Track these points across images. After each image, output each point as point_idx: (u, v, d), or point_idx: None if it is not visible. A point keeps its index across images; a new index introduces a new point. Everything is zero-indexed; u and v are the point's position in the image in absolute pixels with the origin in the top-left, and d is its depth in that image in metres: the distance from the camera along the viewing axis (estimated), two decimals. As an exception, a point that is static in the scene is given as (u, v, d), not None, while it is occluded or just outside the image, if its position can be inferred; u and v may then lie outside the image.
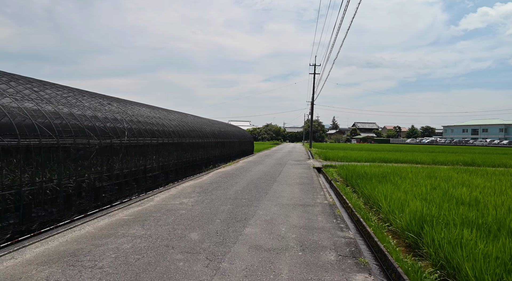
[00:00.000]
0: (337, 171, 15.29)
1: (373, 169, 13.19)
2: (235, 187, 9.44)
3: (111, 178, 8.57)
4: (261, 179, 11.50)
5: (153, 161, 11.27)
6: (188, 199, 7.58)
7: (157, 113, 14.09)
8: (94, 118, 8.59)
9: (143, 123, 11.26)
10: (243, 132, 31.16)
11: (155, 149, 11.47)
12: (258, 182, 10.60)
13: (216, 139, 19.52)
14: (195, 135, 15.98)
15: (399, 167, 14.19)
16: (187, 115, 19.64)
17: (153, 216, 5.96)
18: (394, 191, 7.71)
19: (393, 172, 12.16)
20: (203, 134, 17.30)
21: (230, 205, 6.94)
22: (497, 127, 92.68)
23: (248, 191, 8.88)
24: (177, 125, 14.64)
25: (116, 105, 11.10)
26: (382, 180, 9.83)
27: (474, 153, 31.43)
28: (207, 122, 21.25)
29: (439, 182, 9.27)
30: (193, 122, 17.82)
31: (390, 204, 6.41)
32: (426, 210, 5.45)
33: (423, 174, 11.34)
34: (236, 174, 12.97)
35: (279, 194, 8.51)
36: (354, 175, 11.25)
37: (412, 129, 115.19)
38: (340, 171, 13.94)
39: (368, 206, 7.70)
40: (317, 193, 8.98)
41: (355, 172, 12.25)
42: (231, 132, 24.79)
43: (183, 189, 9.29)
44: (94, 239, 4.60)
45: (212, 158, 18.40)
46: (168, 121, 14.28)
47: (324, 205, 7.37)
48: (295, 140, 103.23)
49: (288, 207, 7.02)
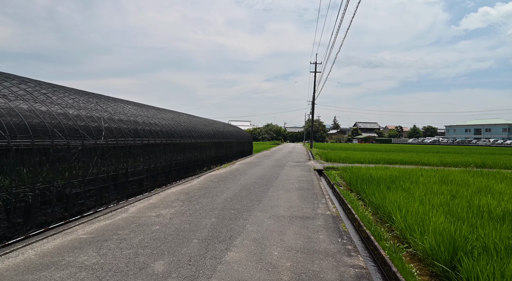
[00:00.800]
0: (339, 173, 14.19)
1: (379, 171, 12.09)
2: (225, 194, 8.36)
3: (84, 183, 7.50)
4: (256, 183, 10.42)
5: (138, 163, 10.21)
6: (168, 210, 6.50)
7: (145, 111, 13.02)
8: (63, 116, 7.52)
9: (126, 122, 10.20)
10: (242, 133, 30.08)
11: (140, 150, 10.40)
12: (253, 187, 9.51)
13: (211, 140, 18.46)
14: (188, 135, 14.92)
15: (407, 170, 13.08)
16: (180, 114, 18.58)
17: (118, 233, 4.88)
18: (408, 200, 6.61)
19: (402, 175, 11.06)
20: (197, 135, 16.23)
21: (215, 218, 5.85)
22: (500, 127, 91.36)
23: (239, 198, 7.79)
24: (168, 125, 13.57)
25: (96, 102, 10.03)
26: (391, 185, 8.73)
27: (481, 153, 30.26)
28: (202, 122, 20.18)
29: (456, 188, 8.16)
30: (186, 122, 16.75)
31: (406, 218, 5.31)
32: (455, 228, 4.35)
33: (436, 178, 10.24)
34: (229, 177, 11.89)
35: (275, 202, 7.42)
36: (359, 179, 10.15)
37: (414, 129, 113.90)
38: (343, 174, 12.84)
39: (378, 217, 6.60)
40: (318, 200, 7.89)
41: (359, 175, 11.14)
42: (228, 133, 23.72)
43: (166, 196, 8.21)
44: (27, 271, 3.52)
45: (207, 159, 17.34)
46: (158, 120, 13.22)
47: (326, 216, 6.28)
48: (296, 140, 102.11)
49: (284, 220, 5.94)
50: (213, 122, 23.61)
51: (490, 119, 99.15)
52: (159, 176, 11.77)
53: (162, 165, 11.86)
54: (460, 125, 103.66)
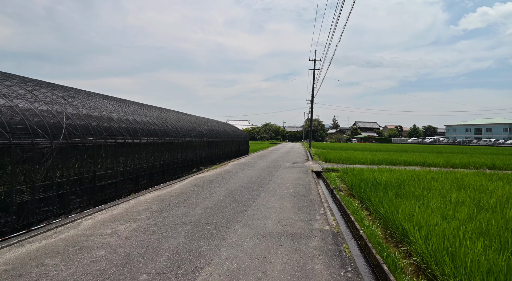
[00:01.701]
0: (339, 175, 12.96)
1: (384, 174, 10.85)
2: (206, 202, 7.10)
3: (34, 190, 6.24)
4: (245, 188, 9.16)
5: (112, 165, 8.97)
6: (129, 225, 5.25)
7: (124, 107, 11.75)
8: (7, 108, 6.26)
9: (97, 118, 8.94)
10: (238, 132, 28.83)
11: (114, 150, 9.15)
12: (240, 193, 8.26)
13: (203, 139, 17.20)
14: (175, 134, 13.66)
15: (414, 172, 11.86)
16: (169, 111, 17.31)
17: (44, 264, 3.63)
18: (426, 212, 5.38)
19: (410, 178, 9.83)
20: (187, 133, 14.98)
21: (183, 238, 4.60)
22: (501, 126, 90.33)
23: (221, 208, 6.54)
24: (152, 123, 12.31)
25: (62, 96, 8.75)
26: (400, 192, 7.49)
27: (485, 154, 29.08)
28: (194, 120, 18.92)
29: (478, 196, 6.93)
30: (175, 120, 15.49)
31: (428, 239, 4.08)
32: (506, 263, 3.11)
33: (449, 182, 9.01)
34: (217, 180, 10.64)
35: (263, 213, 6.18)
36: (362, 183, 8.91)
37: (414, 129, 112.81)
38: (344, 177, 11.61)
39: (388, 233, 5.36)
40: (315, 210, 6.64)
41: (362, 178, 9.91)
42: (222, 132, 22.46)
43: (136, 204, 6.95)
44: None
45: (198, 160, 16.09)
46: (139, 117, 11.96)
47: (325, 234, 5.04)
48: (295, 140, 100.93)
49: (272, 239, 4.70)
50: (207, 121, 22.36)
51: (490, 119, 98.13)
52: (139, 178, 10.53)
53: (143, 167, 10.62)
54: (460, 125, 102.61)
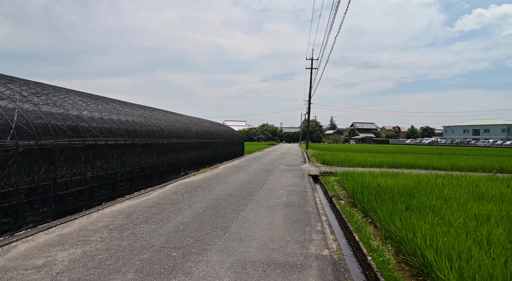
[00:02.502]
0: (338, 180, 11.87)
1: (389, 179, 9.77)
2: (181, 216, 5.96)
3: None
4: (232, 196, 8.03)
5: (79, 170, 7.81)
6: (73, 250, 4.10)
7: (100, 105, 10.58)
8: None
9: (60, 116, 7.77)
10: (232, 133, 27.69)
11: (82, 153, 8.00)
12: (225, 204, 7.13)
13: (193, 140, 16.06)
14: (160, 135, 12.52)
15: (420, 177, 10.79)
16: (155, 110, 16.14)
17: None
18: (449, 233, 4.28)
19: (418, 185, 8.75)
20: (174, 134, 13.84)
21: (134, 274, 3.45)
22: (499, 127, 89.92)
23: (197, 224, 5.41)
24: (132, 122, 11.17)
25: (17, 90, 7.57)
26: (410, 202, 6.40)
27: (488, 155, 28.18)
28: (183, 120, 17.78)
29: (505, 208, 5.85)
30: (161, 119, 14.35)
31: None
32: None
33: (464, 190, 7.93)
34: (202, 186, 9.50)
35: (248, 232, 5.06)
36: (365, 191, 7.82)
37: (412, 130, 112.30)
38: (344, 181, 10.53)
39: (402, 259, 4.25)
40: (311, 226, 5.53)
41: (364, 184, 8.82)
42: (215, 133, 21.32)
43: (98, 218, 5.80)
44: None
45: (186, 163, 14.94)
46: (117, 116, 10.79)
47: (323, 262, 3.92)
48: (292, 140, 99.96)
49: (254, 272, 3.57)
50: (199, 121, 21.23)
51: (488, 120, 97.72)
52: (117, 184, 9.37)
53: (121, 171, 9.47)
54: (458, 125, 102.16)
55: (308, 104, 40.58)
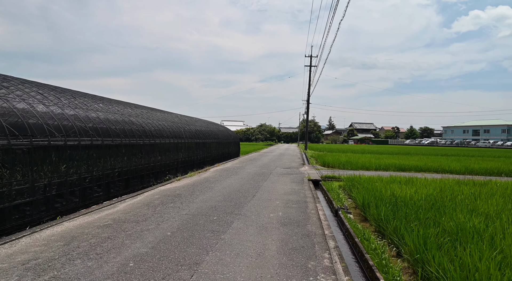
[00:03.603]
0: (343, 185, 10.37)
1: (404, 187, 8.26)
2: (139, 243, 4.41)
3: None
4: (215, 209, 6.49)
5: (27, 178, 6.28)
6: None
7: (65, 99, 9.01)
8: None
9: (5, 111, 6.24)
10: (227, 133, 26.12)
11: (28, 157, 6.45)
12: (204, 221, 5.59)
13: (180, 140, 14.51)
14: (140, 134, 10.98)
15: (438, 183, 9.31)
16: (139, 107, 14.56)
17: None
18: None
19: (442, 194, 7.24)
20: (157, 134, 12.29)
21: None
22: (499, 128, 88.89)
23: (156, 259, 3.87)
24: (104, 120, 9.62)
25: None
26: (443, 221, 4.90)
27: (496, 157, 26.83)
28: (171, 119, 16.22)
29: None
30: (143, 117, 12.79)
31: None
32: None
33: (502, 202, 6.44)
34: (183, 195, 7.95)
35: (225, 273, 3.53)
36: (380, 203, 6.30)
37: (411, 130, 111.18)
38: (350, 188, 9.03)
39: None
40: (316, 258, 4.01)
41: (376, 193, 7.32)
42: (208, 132, 19.76)
43: (23, 247, 4.23)
44: None
45: (173, 165, 13.39)
46: (85, 112, 9.23)
47: None
48: (290, 141, 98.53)
49: None
50: (191, 120, 19.68)
51: (488, 120, 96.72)
52: (86, 192, 7.82)
53: (88, 177, 7.92)
54: (458, 126, 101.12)
55: (307, 104, 39.13)
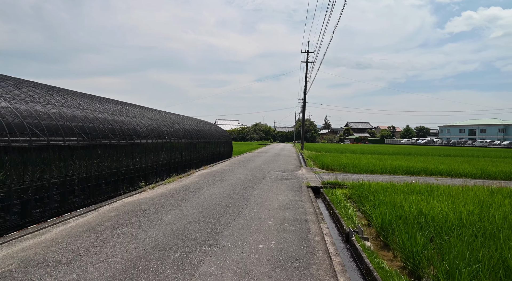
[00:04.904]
0: (348, 194, 8.64)
1: (431, 201, 6.51)
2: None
3: None
4: (183, 238, 4.66)
5: None
6: None
7: (3, 87, 7.09)
8: None
9: None
10: (218, 132, 24.22)
11: None
12: (157, 263, 3.76)
13: (161, 140, 12.62)
14: (106, 133, 9.10)
15: (470, 192, 7.60)
16: (111, 101, 12.63)
17: None
18: None
19: (488, 213, 5.52)
20: (130, 132, 10.40)
21: None
22: (495, 127, 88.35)
23: None
24: (55, 115, 7.74)
25: None
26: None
27: (501, 157, 25.40)
28: (151, 116, 14.31)
29: None
30: (114, 113, 10.90)
31: None
32: None
33: None
34: (147, 213, 6.11)
35: None
36: (409, 227, 4.55)
37: (407, 130, 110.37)
38: (360, 199, 7.29)
39: None
40: None
41: (398, 211, 5.57)
42: (196, 131, 17.85)
43: None
44: None
45: (151, 169, 11.50)
46: (25, 105, 7.33)
47: None
48: (286, 140, 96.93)
49: None
50: (177, 118, 17.77)
51: (485, 120, 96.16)
52: (24, 207, 5.94)
53: (33, 186, 6.07)
54: (454, 125, 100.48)
55: (303, 103, 37.42)
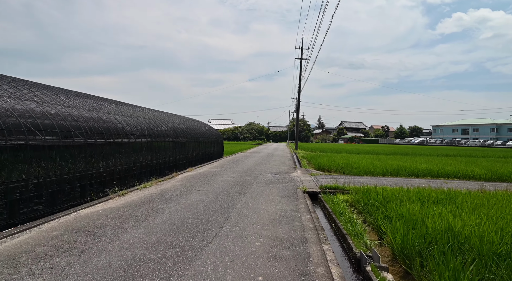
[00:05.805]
0: (351, 200, 7.41)
1: (458, 214, 5.32)
2: None
3: None
4: (134, 273, 3.37)
5: None
6: None
7: None
8: None
9: None
10: (208, 131, 22.80)
11: None
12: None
13: (140, 139, 11.21)
14: (69, 131, 7.70)
15: (494, 198, 6.44)
16: (81, 95, 11.16)
17: None
18: None
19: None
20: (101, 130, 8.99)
21: None
22: (488, 127, 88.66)
23: None
24: (3, 110, 6.34)
25: None
26: None
27: (500, 157, 24.57)
28: (131, 113, 12.88)
29: None
30: (83, 108, 9.48)
31: None
32: None
33: None
34: (102, 230, 4.77)
35: None
36: (441, 255, 3.32)
37: (401, 129, 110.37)
38: (366, 208, 6.06)
39: None
40: None
41: (421, 228, 4.36)
42: (184, 130, 16.43)
43: None
44: None
45: (128, 171, 10.10)
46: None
47: None
48: (279, 140, 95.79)
49: None
50: (161, 115, 16.36)
51: (477, 119, 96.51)
52: None
53: None
54: (447, 125, 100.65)
55: (297, 102, 36.23)
